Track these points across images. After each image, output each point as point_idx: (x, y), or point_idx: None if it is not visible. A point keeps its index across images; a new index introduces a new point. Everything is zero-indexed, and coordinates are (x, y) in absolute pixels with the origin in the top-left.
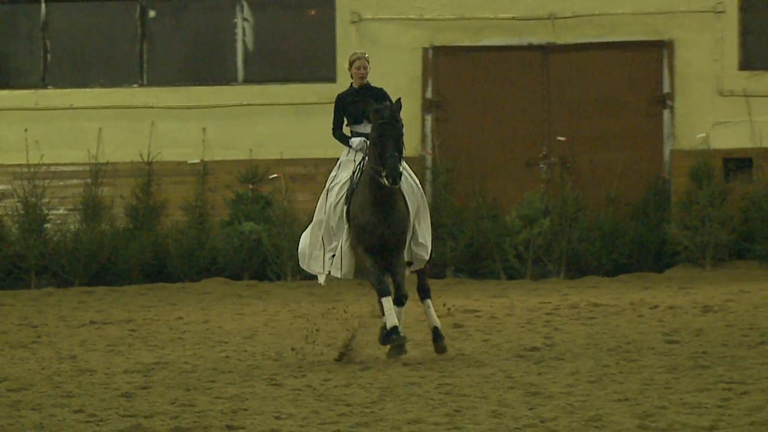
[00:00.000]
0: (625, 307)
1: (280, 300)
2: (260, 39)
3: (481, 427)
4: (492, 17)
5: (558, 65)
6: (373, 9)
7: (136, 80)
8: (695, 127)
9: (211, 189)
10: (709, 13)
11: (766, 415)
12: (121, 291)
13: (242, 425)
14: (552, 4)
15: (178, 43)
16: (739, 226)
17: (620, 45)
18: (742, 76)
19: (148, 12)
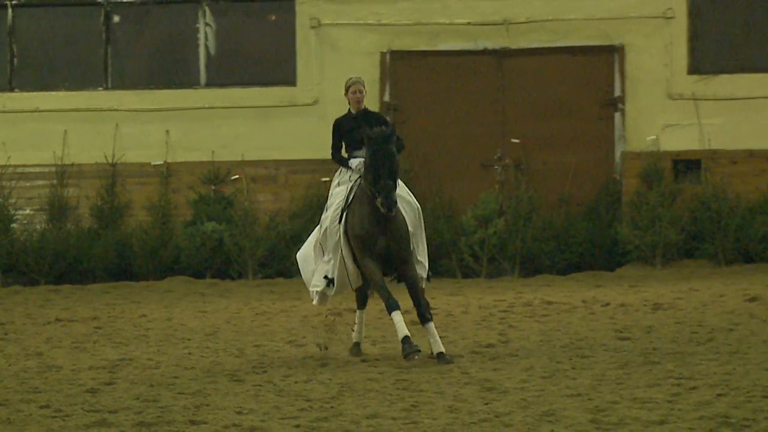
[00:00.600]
0: (577, 304)
1: (242, 298)
2: (222, 43)
3: (437, 422)
4: (448, 23)
5: (512, 69)
6: (332, 14)
7: (100, 83)
8: (645, 129)
9: (174, 190)
10: (658, 19)
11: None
12: (87, 289)
13: (205, 420)
14: (506, 10)
15: (141, 47)
16: (689, 225)
17: (573, 50)
18: (691, 80)
19: (113, 17)
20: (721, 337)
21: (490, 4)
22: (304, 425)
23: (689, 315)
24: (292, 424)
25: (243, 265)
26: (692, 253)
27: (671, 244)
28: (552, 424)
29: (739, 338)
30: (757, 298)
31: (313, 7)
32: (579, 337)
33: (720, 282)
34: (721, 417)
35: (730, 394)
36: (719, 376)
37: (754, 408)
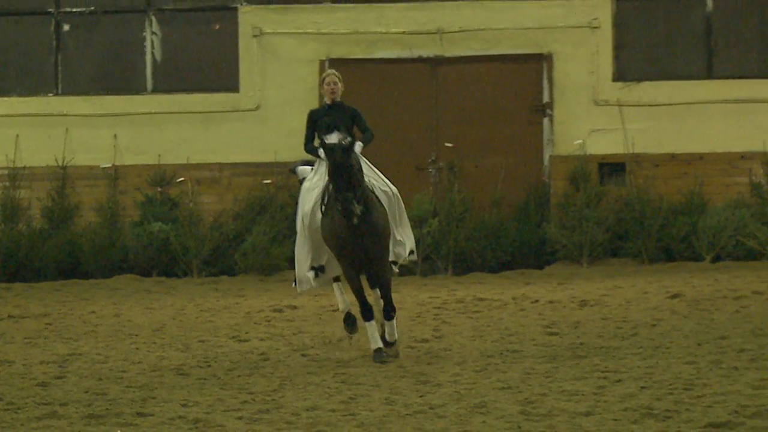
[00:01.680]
0: (508, 301)
1: (187, 295)
2: (168, 51)
3: (374, 414)
4: (384, 32)
5: (445, 76)
6: (273, 24)
7: (51, 90)
8: (573, 134)
9: (122, 192)
10: (585, 29)
11: (639, 401)
12: (38, 287)
13: (151, 412)
14: (440, 20)
15: (90, 55)
16: (614, 226)
17: (503, 58)
18: (616, 87)
19: (63, 26)
20: (645, 332)
21: (425, 14)
22: (246, 417)
23: (614, 311)
24: (234, 416)
25: (188, 264)
26: (617, 252)
27: (597, 244)
28: (483, 416)
29: (661, 333)
30: (679, 295)
31: (255, 17)
32: (509, 333)
33: (643, 280)
34: (645, 408)
35: (653, 386)
36: (643, 369)
37: (676, 400)
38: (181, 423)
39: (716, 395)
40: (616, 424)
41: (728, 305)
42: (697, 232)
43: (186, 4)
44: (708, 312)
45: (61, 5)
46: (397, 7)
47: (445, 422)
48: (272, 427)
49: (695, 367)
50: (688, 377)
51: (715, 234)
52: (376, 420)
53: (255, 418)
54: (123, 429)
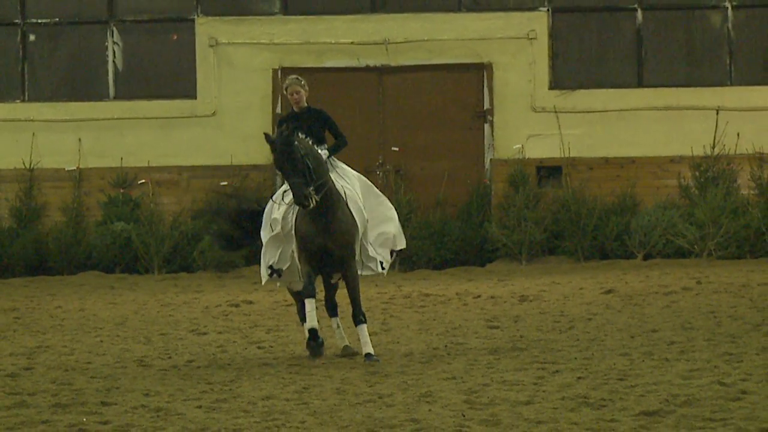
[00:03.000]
0: (451, 296)
1: (148, 291)
2: (129, 60)
3: (326, 402)
4: (333, 42)
5: (391, 84)
6: (228, 34)
7: (18, 96)
8: (512, 139)
9: (86, 193)
10: (523, 39)
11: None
12: (7, 283)
13: (115, 401)
14: (386, 31)
15: (55, 63)
16: (551, 225)
17: (446, 67)
18: (552, 94)
19: (29, 36)
20: (581, 326)
21: (372, 26)
22: (205, 406)
23: (552, 306)
24: (194, 405)
25: (149, 261)
26: (554, 251)
27: (535, 242)
28: (430, 404)
29: (596, 326)
30: (613, 291)
31: (211, 28)
32: (453, 326)
33: (579, 276)
34: (581, 398)
35: (589, 377)
36: (579, 361)
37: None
38: (143, 412)
39: (648, 385)
40: (555, 412)
41: (659, 300)
42: (630, 231)
43: (145, 15)
44: (640, 307)
45: (27, 16)
46: (346, 19)
47: (393, 410)
48: (230, 415)
49: (628, 359)
50: (622, 368)
51: (646, 233)
52: (328, 408)
53: (213, 407)
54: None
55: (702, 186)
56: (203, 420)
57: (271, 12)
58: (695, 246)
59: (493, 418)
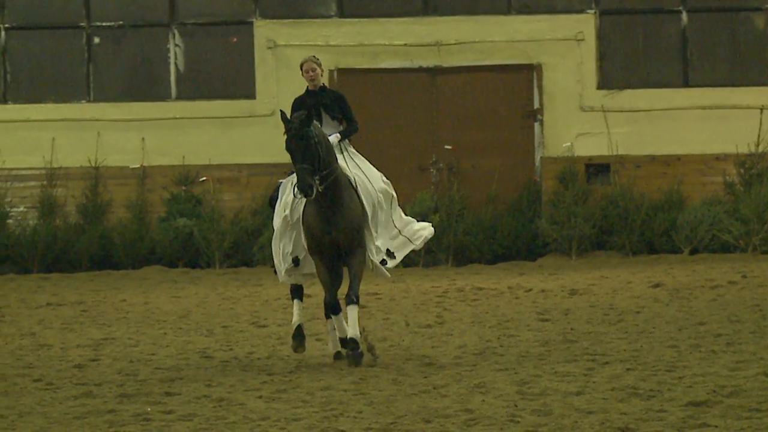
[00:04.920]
0: (503, 290)
1: (210, 285)
2: (190, 62)
3: (383, 393)
4: (387, 44)
5: (444, 85)
6: (286, 36)
7: (84, 97)
8: (561, 137)
9: (149, 190)
10: (571, 41)
11: (625, 382)
12: (74, 277)
13: (178, 392)
14: (438, 33)
15: (119, 65)
16: (599, 221)
17: (496, 68)
18: (600, 94)
19: (93, 38)
20: (630, 319)
21: (424, 28)
22: (265, 396)
23: (601, 299)
24: (255, 395)
25: (211, 256)
26: (603, 246)
27: (585, 238)
28: (483, 395)
29: (645, 319)
30: (660, 285)
31: (269, 30)
32: (506, 319)
33: (627, 270)
34: (631, 388)
35: (638, 368)
36: (628, 352)
37: (659, 380)
38: (205, 402)
39: (696, 376)
40: (605, 402)
41: (705, 294)
42: (676, 227)
43: (206, 18)
44: (687, 300)
45: (91, 19)
46: (400, 21)
47: (447, 401)
48: (289, 405)
49: (676, 351)
50: (670, 360)
51: (692, 229)
52: (384, 398)
53: (273, 397)
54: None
55: (746, 183)
56: (264, 410)
57: (328, 15)
58: (740, 241)
59: (545, 408)
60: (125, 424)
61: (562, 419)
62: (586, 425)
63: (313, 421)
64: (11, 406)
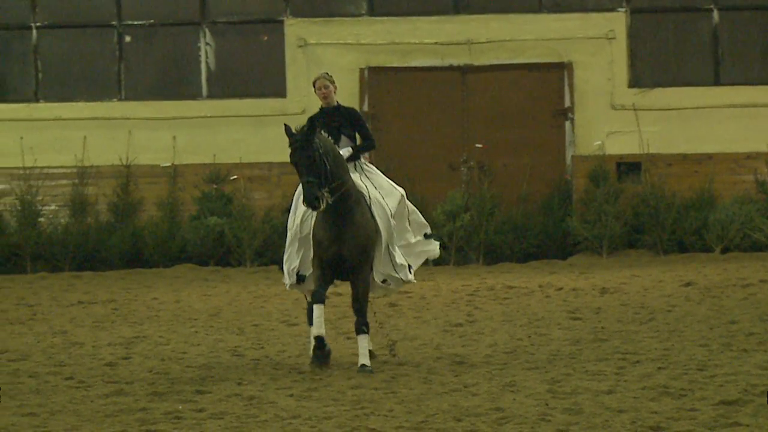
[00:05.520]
0: (534, 289)
1: (241, 283)
2: (221, 60)
3: (413, 391)
4: (418, 42)
5: (475, 83)
6: (317, 35)
7: (115, 95)
8: (592, 136)
9: (180, 188)
10: (602, 39)
11: (656, 381)
12: (105, 275)
13: (210, 390)
14: (469, 31)
15: (150, 63)
16: (631, 220)
17: (527, 66)
18: (631, 92)
19: (125, 37)
20: (661, 318)
21: (455, 26)
22: (296, 394)
23: (632, 298)
24: (286, 393)
25: (241, 254)
26: (634, 244)
27: (616, 236)
28: (514, 393)
29: (676, 318)
30: (692, 283)
31: (300, 29)
32: (536, 317)
33: (659, 269)
34: (662, 387)
35: (669, 367)
36: (659, 351)
37: (690, 379)
38: (236, 400)
39: (727, 375)
40: (636, 401)
41: (737, 293)
42: (708, 225)
43: (237, 17)
44: (719, 299)
45: (123, 18)
46: (430, 20)
47: (478, 399)
48: (320, 403)
49: (708, 350)
50: (702, 359)
51: (723, 227)
52: (415, 397)
53: (304, 396)
54: (184, 405)
55: None
56: (294, 408)
57: (358, 13)
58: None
59: (576, 407)
60: (156, 422)
61: (593, 418)
62: (617, 424)
63: (344, 420)
64: (43, 404)
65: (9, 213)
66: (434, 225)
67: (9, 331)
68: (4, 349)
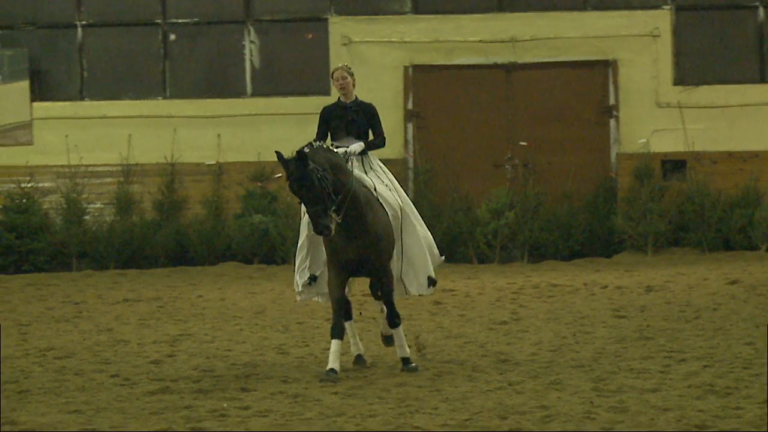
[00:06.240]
0: (579, 287)
1: (286, 281)
2: (265, 58)
3: (458, 389)
4: (462, 40)
5: (519, 81)
6: (361, 33)
7: (160, 93)
8: (637, 133)
9: (225, 186)
10: (647, 37)
11: (701, 379)
12: (150, 273)
13: (255, 388)
14: (513, 29)
15: (195, 61)
16: (675, 217)
17: (572, 64)
18: (676, 90)
19: (169, 35)
20: (706, 316)
21: (499, 24)
22: (341, 392)
23: (677, 296)
24: (330, 391)
25: (286, 252)
26: (679, 242)
27: (660, 234)
28: (559, 392)
29: (722, 316)
30: (737, 281)
31: (344, 27)
32: (581, 315)
33: (704, 267)
34: (707, 385)
35: (714, 365)
36: (705, 349)
37: (736, 377)
38: (281, 398)
39: None
40: (681, 399)
41: None
42: (753, 223)
43: (281, 15)
44: (764, 297)
45: (167, 17)
46: (474, 18)
47: (523, 397)
48: (365, 401)
49: (753, 348)
50: (747, 357)
51: None
52: (459, 395)
53: (349, 393)
54: (229, 403)
55: None
56: (339, 405)
57: (402, 11)
58: None
59: (621, 405)
60: (201, 420)
61: (639, 416)
62: (663, 422)
63: (389, 418)
64: (89, 402)
65: (55, 211)
66: (479, 223)
67: (55, 329)
68: (50, 347)
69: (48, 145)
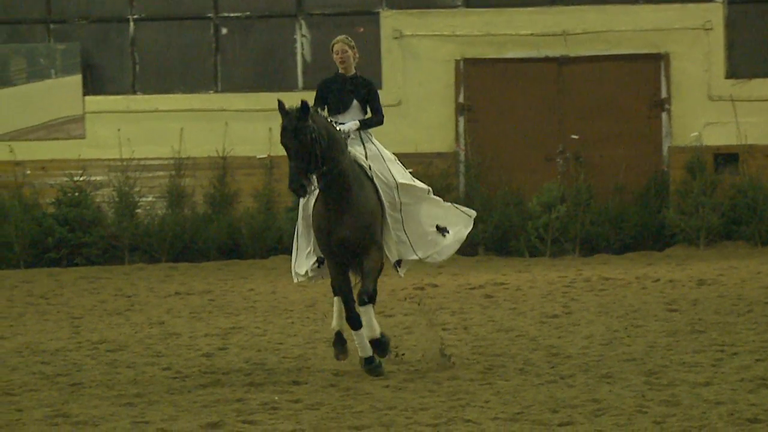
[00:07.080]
0: (631, 280)
1: None
2: (316, 52)
3: (509, 383)
4: (514, 33)
5: (571, 75)
6: (413, 27)
7: (211, 87)
8: (689, 127)
9: (276, 180)
10: (699, 30)
11: (754, 372)
12: (201, 266)
13: (306, 381)
14: (565, 22)
15: (246, 55)
16: (728, 211)
17: (624, 57)
18: (729, 83)
19: (221, 29)
20: (759, 309)
21: (551, 17)
22: (393, 385)
23: (730, 289)
24: (382, 384)
25: None
26: (731, 236)
27: (713, 228)
28: (610, 385)
29: None
30: None
31: (396, 20)
32: (633, 309)
33: (757, 261)
34: (760, 379)
35: (767, 359)
36: (758, 343)
37: None
38: (333, 391)
39: None
40: (733, 393)
41: None
42: None
43: (332, 9)
44: None
45: (219, 10)
46: (526, 11)
47: (574, 391)
48: (416, 394)
49: None
50: None
51: None
52: (511, 388)
53: (400, 387)
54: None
55: None
56: (390, 399)
57: (454, 5)
58: None
59: (673, 399)
60: (253, 413)
61: (691, 410)
62: (715, 416)
63: (440, 411)
64: (141, 395)
65: (107, 204)
66: (530, 216)
67: (107, 322)
68: (103, 340)
69: (100, 138)
